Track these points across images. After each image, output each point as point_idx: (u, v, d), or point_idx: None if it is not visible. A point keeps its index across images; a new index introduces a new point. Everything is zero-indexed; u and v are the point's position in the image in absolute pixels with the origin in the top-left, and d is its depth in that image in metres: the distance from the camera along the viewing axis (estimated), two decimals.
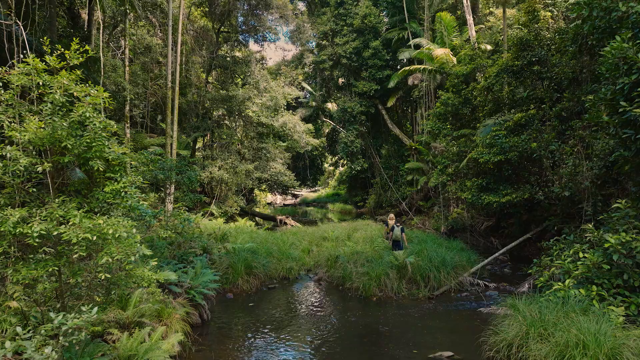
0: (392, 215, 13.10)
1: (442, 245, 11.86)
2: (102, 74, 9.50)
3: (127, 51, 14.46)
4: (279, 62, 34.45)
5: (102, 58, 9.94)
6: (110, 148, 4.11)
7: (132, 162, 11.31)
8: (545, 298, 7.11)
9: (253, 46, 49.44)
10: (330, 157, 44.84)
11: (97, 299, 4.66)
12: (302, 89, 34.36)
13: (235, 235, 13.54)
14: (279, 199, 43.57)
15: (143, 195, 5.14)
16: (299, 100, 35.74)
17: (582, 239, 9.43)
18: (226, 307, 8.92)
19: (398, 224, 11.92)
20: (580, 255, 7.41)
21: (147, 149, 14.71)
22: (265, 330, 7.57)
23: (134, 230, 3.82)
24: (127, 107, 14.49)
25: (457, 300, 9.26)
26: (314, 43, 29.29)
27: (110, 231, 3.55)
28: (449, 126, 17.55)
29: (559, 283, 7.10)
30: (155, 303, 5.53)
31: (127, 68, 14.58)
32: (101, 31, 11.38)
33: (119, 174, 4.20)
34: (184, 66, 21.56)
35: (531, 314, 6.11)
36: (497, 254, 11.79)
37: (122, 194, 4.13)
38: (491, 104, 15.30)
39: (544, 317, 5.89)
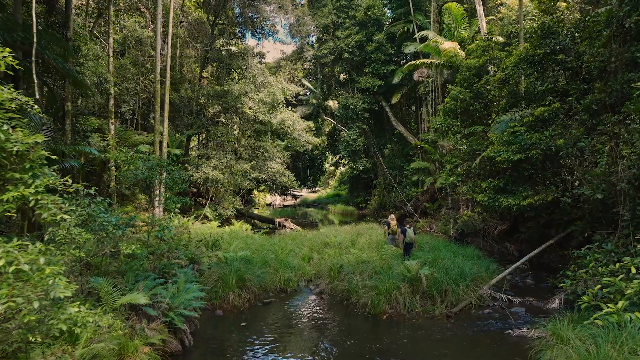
0: (392, 215, 12.04)
1: (458, 254, 10.70)
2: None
3: (111, 40, 13.27)
4: (277, 58, 33.25)
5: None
6: (10, 135, 2.86)
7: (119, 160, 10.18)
8: (590, 322, 5.98)
9: (251, 41, 48.31)
10: (331, 156, 43.70)
11: (32, 338, 3.49)
12: (302, 86, 33.15)
13: (229, 241, 12.37)
14: (278, 200, 42.39)
15: (66, 203, 3.88)
16: (299, 97, 34.52)
17: (623, 249, 8.30)
18: (214, 326, 7.75)
19: (409, 225, 11.06)
20: (633, 270, 6.24)
21: (137, 147, 13.53)
22: (259, 356, 6.41)
23: (42, 260, 2.64)
24: (112, 102, 13.29)
25: (479, 319, 8.08)
26: (314, 37, 28.14)
27: (1, 263, 2.38)
28: (458, 123, 16.37)
29: (611, 305, 5.92)
30: (116, 337, 4.37)
31: (111, 58, 13.39)
32: (71, 14, 10.25)
33: (29, 173, 2.98)
34: (177, 60, 20.40)
35: (586, 348, 4.94)
36: (518, 263, 10.60)
37: (33, 202, 2.94)
38: (507, 98, 14.14)
39: (605, 352, 4.71)
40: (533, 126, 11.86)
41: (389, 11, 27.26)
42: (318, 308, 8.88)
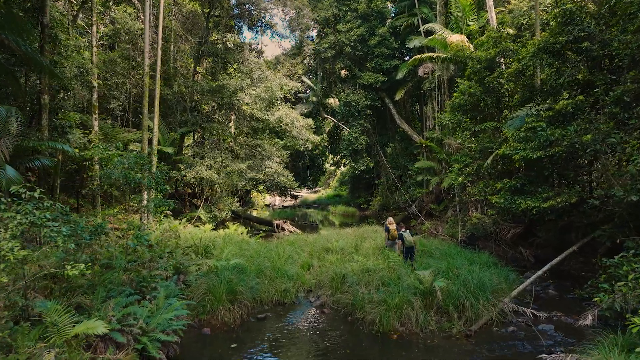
0: (391, 219, 11.18)
1: (473, 261, 9.70)
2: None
3: (94, 29, 12.27)
4: (277, 55, 32.25)
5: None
6: None
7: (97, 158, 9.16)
8: None
9: (248, 34, 47.19)
10: (332, 156, 42.71)
11: None
12: (302, 83, 32.14)
13: (222, 247, 11.37)
14: (277, 201, 41.44)
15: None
16: (299, 95, 33.53)
17: None
18: (200, 349, 6.74)
19: (404, 228, 10.28)
20: None
21: (117, 143, 12.52)
22: None
23: None
24: (95, 95, 12.29)
25: (503, 339, 7.08)
26: (314, 32, 27.12)
27: None
28: (467, 119, 15.37)
29: None
30: None
31: (94, 49, 12.37)
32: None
33: None
34: (170, 53, 19.40)
35: None
36: (540, 272, 9.63)
37: None
38: (522, 91, 13.15)
39: None
40: (553, 121, 10.86)
41: (391, 5, 26.27)
42: (319, 325, 7.87)
